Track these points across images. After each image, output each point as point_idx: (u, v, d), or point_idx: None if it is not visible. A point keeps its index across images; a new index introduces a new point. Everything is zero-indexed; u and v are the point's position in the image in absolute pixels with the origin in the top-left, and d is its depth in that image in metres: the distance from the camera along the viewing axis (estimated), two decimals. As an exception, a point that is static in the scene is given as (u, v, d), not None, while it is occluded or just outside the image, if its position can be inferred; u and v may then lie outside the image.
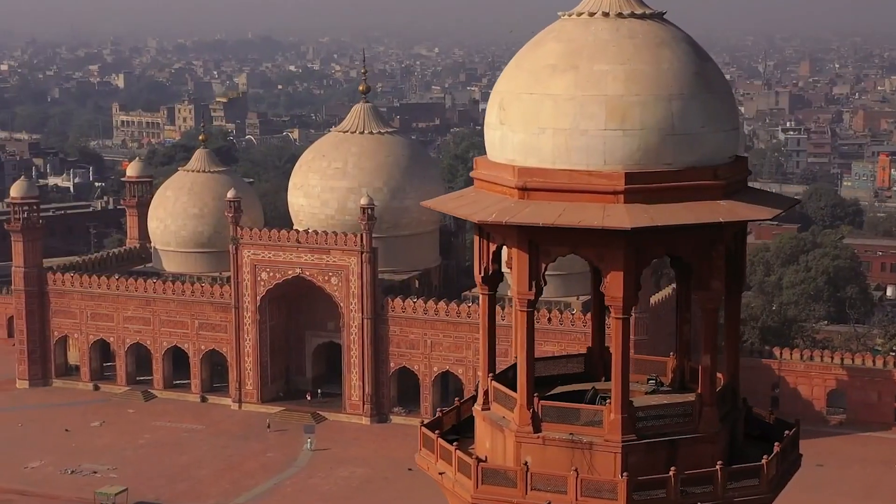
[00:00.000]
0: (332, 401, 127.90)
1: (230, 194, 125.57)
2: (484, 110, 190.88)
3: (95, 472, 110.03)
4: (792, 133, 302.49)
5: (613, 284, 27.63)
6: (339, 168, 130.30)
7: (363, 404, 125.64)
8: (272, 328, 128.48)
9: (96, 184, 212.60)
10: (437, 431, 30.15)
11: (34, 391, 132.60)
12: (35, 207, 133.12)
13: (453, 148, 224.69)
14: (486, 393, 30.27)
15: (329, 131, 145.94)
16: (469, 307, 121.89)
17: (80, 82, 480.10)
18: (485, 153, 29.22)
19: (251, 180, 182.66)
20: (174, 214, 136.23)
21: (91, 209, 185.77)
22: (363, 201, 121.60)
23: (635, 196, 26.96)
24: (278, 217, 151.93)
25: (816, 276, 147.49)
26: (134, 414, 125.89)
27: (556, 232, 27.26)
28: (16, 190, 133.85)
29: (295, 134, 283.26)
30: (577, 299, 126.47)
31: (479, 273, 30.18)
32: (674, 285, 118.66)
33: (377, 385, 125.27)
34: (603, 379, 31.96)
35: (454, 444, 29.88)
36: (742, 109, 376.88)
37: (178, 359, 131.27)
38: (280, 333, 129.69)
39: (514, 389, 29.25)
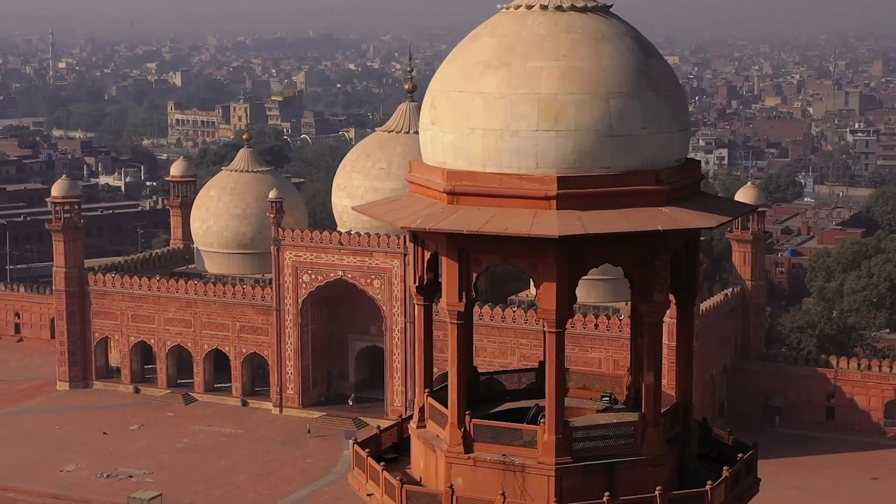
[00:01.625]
0: (375, 406, 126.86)
1: (272, 195, 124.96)
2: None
3: (131, 477, 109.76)
4: (861, 135, 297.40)
5: (546, 296, 26.19)
6: (384, 168, 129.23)
7: (405, 410, 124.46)
8: (314, 331, 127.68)
9: (147, 183, 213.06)
10: (367, 450, 28.88)
11: (74, 393, 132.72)
12: (76, 207, 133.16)
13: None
14: (421, 409, 28.93)
15: (374, 130, 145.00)
16: (514, 312, 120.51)
17: (137, 80, 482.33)
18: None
19: (301, 180, 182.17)
20: (217, 215, 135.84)
21: (139, 209, 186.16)
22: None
23: (568, 202, 25.52)
24: (328, 218, 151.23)
25: (879, 282, 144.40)
26: (173, 417, 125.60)
27: (486, 239, 25.88)
28: (57, 189, 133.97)
29: (351, 133, 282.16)
30: (626, 305, 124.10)
31: (414, 282, 28.86)
32: (727, 290, 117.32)
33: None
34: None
35: (392, 462, 28.65)
36: (810, 110, 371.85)
37: (219, 362, 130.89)
38: (322, 337, 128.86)
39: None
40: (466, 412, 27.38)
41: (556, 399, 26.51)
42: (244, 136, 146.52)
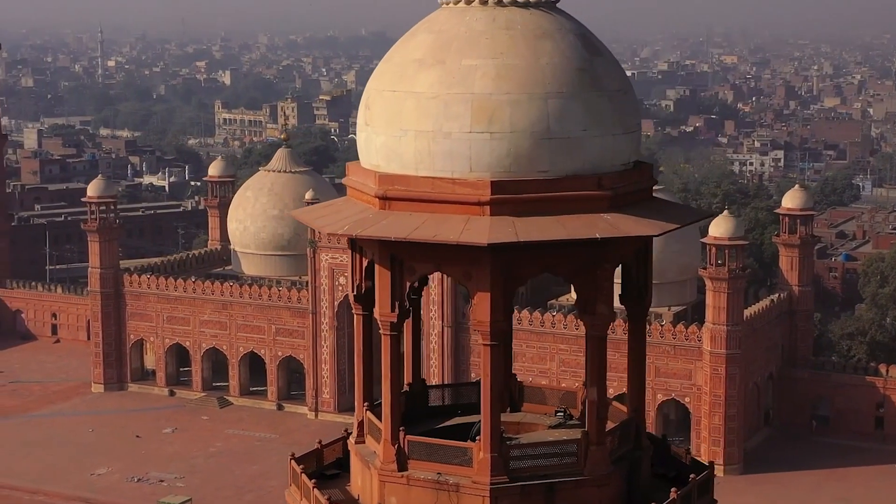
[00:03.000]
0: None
1: (308, 195, 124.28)
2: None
3: (162, 481, 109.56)
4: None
5: (480, 307, 25.15)
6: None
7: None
8: (350, 335, 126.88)
9: (191, 183, 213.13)
10: (302, 465, 27.99)
11: (109, 395, 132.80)
12: (112, 207, 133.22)
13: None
14: (360, 424, 27.98)
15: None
16: (554, 316, 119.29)
17: (186, 79, 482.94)
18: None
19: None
20: (254, 216, 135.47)
21: (181, 209, 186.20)
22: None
23: (503, 208, 24.48)
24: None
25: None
26: (207, 421, 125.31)
27: (418, 247, 24.89)
28: (93, 189, 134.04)
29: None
30: (669, 310, 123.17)
31: (352, 291, 27.92)
32: (774, 295, 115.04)
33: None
34: (508, 409, 29.56)
35: (333, 479, 27.75)
36: (870, 111, 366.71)
37: (255, 365, 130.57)
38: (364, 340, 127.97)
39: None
40: (401, 428, 26.41)
41: (491, 415, 25.47)
42: (282, 136, 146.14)
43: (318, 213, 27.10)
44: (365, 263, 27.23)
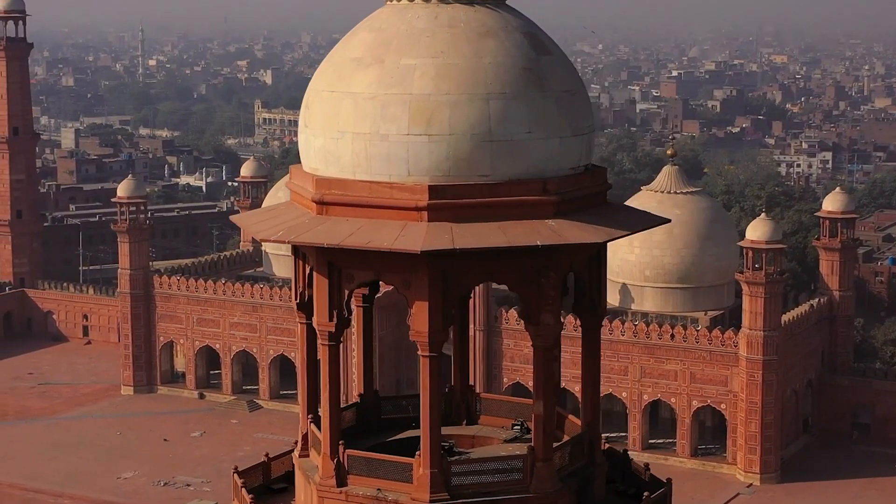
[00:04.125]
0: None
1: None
2: (642, 111, 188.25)
3: (188, 486, 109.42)
4: None
5: (418, 316, 24.39)
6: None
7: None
8: (381, 338, 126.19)
9: (229, 183, 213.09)
10: (244, 479, 27.34)
11: (138, 398, 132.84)
12: (143, 208, 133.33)
13: (600, 150, 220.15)
14: (304, 437, 27.28)
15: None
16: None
17: (227, 78, 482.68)
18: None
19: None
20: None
21: (216, 210, 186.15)
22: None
23: (441, 213, 23.69)
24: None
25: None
26: (237, 425, 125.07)
27: (356, 254, 24.15)
28: (122, 189, 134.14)
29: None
30: (706, 315, 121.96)
31: (295, 298, 27.26)
32: (813, 300, 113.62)
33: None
34: (464, 422, 28.80)
35: (280, 493, 27.09)
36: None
37: (285, 368, 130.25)
38: (390, 344, 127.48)
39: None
40: (340, 442, 25.69)
41: (431, 429, 24.71)
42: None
43: (257, 217, 26.47)
44: (308, 270, 26.55)
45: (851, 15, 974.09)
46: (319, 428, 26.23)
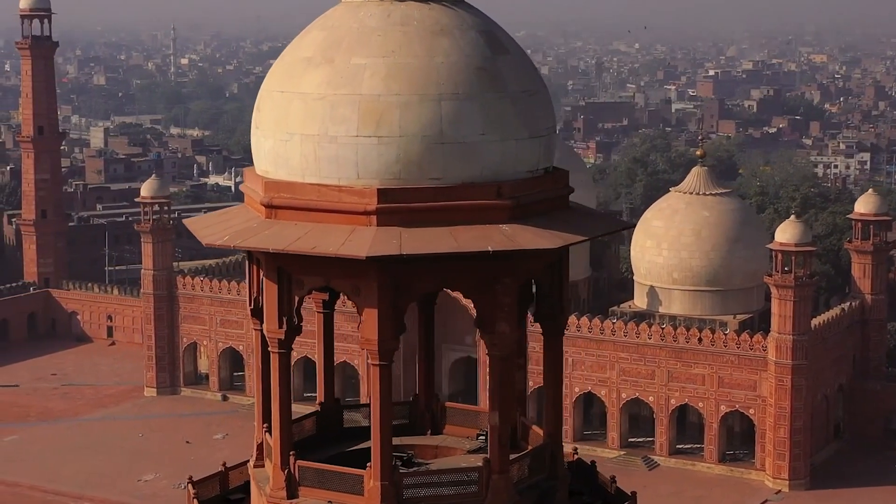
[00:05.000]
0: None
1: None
2: (677, 111, 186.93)
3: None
4: None
5: (367, 324, 23.87)
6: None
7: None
8: (404, 340, 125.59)
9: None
10: (197, 490, 26.90)
11: (161, 399, 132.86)
12: (166, 208, 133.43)
13: (633, 150, 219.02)
14: (259, 447, 26.82)
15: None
16: (614, 324, 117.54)
17: (259, 77, 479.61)
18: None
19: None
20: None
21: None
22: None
23: (391, 217, 23.14)
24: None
25: None
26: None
27: (306, 259, 23.62)
28: (146, 189, 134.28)
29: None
30: (734, 318, 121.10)
31: (250, 304, 26.80)
32: (845, 304, 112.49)
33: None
34: (429, 432, 28.27)
35: (238, 504, 26.65)
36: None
37: (308, 370, 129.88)
38: (413, 346, 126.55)
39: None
40: (291, 452, 25.21)
41: (381, 440, 24.18)
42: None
43: (208, 221, 25.99)
44: (261, 276, 26.07)
45: (893, 13, 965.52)
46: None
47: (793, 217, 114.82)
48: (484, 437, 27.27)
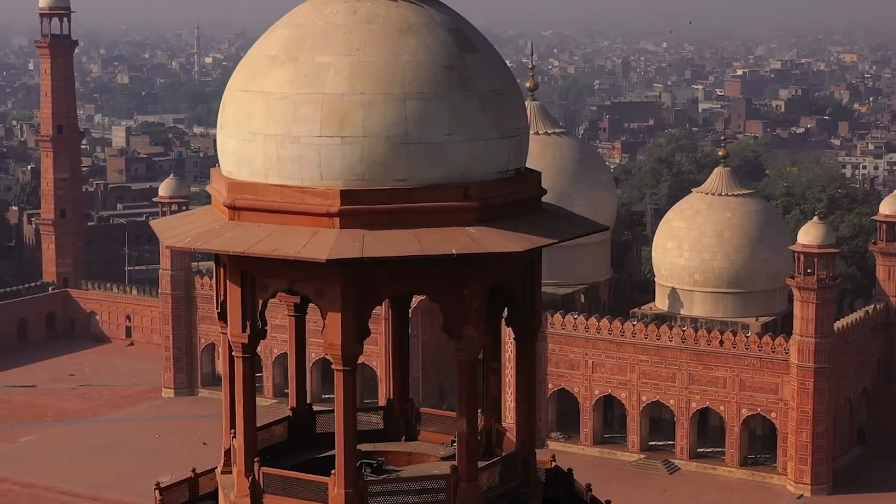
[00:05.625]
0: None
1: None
2: (704, 110, 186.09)
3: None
4: None
5: (330, 329, 23.48)
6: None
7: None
8: (424, 341, 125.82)
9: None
10: (163, 496, 26.58)
11: (179, 400, 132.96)
12: (185, 207, 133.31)
13: (659, 150, 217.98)
14: (227, 453, 26.48)
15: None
16: (634, 326, 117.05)
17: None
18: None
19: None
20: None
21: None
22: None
23: (354, 219, 22.70)
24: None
25: None
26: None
27: (269, 262, 23.24)
28: (164, 189, 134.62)
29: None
30: (757, 321, 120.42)
31: (217, 308, 26.46)
32: (869, 306, 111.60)
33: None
34: (404, 438, 27.88)
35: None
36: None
37: (326, 371, 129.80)
38: (433, 348, 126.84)
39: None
40: (256, 459, 24.86)
41: (345, 447, 23.76)
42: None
43: (173, 222, 25.66)
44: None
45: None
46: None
47: (816, 218, 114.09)
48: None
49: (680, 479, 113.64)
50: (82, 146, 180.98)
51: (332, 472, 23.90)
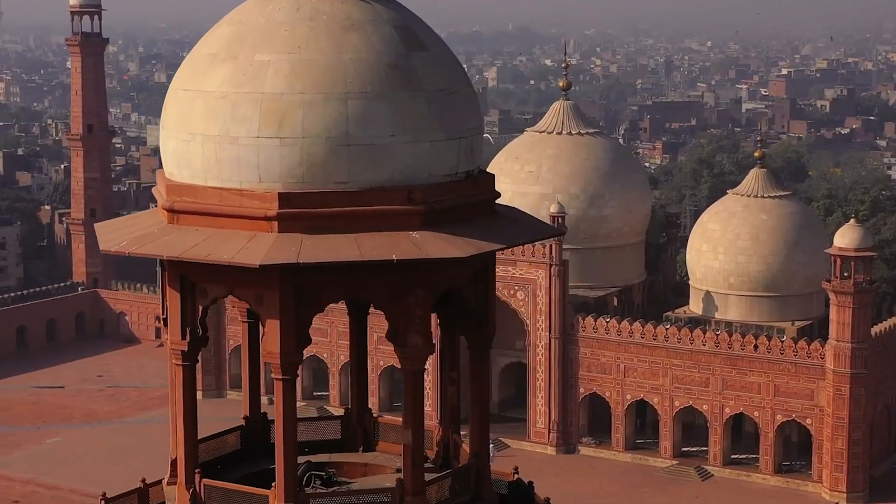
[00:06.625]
0: (518, 427, 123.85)
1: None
2: (748, 110, 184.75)
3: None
4: None
5: (270, 336, 22.88)
6: (533, 172, 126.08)
7: (549, 432, 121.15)
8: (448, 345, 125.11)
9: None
10: (107, 507, 26.10)
11: (206, 403, 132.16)
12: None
13: (699, 151, 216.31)
14: (174, 463, 25.97)
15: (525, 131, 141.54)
16: (667, 329, 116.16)
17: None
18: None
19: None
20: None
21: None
22: (553, 209, 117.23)
23: (293, 223, 22.06)
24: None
25: None
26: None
27: (208, 267, 22.67)
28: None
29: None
30: (793, 325, 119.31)
31: (162, 314, 25.87)
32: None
33: (565, 412, 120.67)
34: (361, 449, 27.29)
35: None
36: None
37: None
38: (463, 351, 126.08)
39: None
40: (196, 470, 24.35)
41: (285, 459, 23.19)
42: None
43: (114, 226, 25.12)
44: (171, 284, 25.17)
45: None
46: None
47: (852, 221, 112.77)
48: (416, 455, 26.22)
49: (713, 486, 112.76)
50: (117, 145, 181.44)
51: (273, 484, 23.37)
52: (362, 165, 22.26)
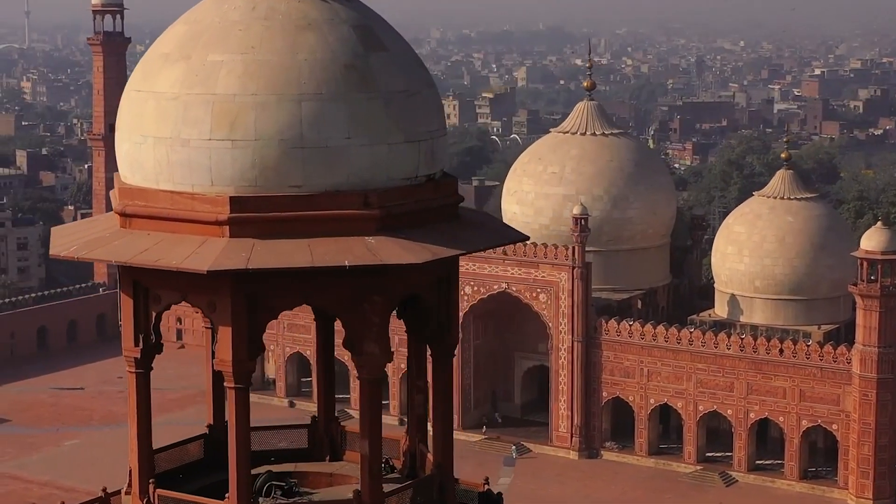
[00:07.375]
0: (541, 431, 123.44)
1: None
2: (780, 111, 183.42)
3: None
4: None
5: (222, 344, 22.47)
6: (556, 173, 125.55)
7: (571, 437, 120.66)
8: (476, 348, 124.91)
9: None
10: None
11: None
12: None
13: (730, 152, 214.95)
14: (131, 472, 25.62)
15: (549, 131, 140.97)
16: (691, 333, 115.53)
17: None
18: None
19: (496, 183, 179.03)
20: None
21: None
22: (576, 211, 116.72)
23: (245, 228, 21.61)
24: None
25: None
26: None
27: (161, 273, 22.26)
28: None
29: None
30: (819, 329, 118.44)
31: (120, 321, 25.58)
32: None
33: (587, 416, 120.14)
34: (328, 458, 26.87)
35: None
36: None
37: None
38: (485, 354, 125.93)
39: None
40: (151, 480, 24.00)
41: (238, 469, 22.80)
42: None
43: (70, 230, 24.68)
44: (129, 290, 24.83)
45: None
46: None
47: (879, 223, 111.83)
48: (384, 465, 25.82)
49: (737, 492, 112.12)
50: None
51: (226, 495, 22.99)
52: (316, 168, 21.83)
